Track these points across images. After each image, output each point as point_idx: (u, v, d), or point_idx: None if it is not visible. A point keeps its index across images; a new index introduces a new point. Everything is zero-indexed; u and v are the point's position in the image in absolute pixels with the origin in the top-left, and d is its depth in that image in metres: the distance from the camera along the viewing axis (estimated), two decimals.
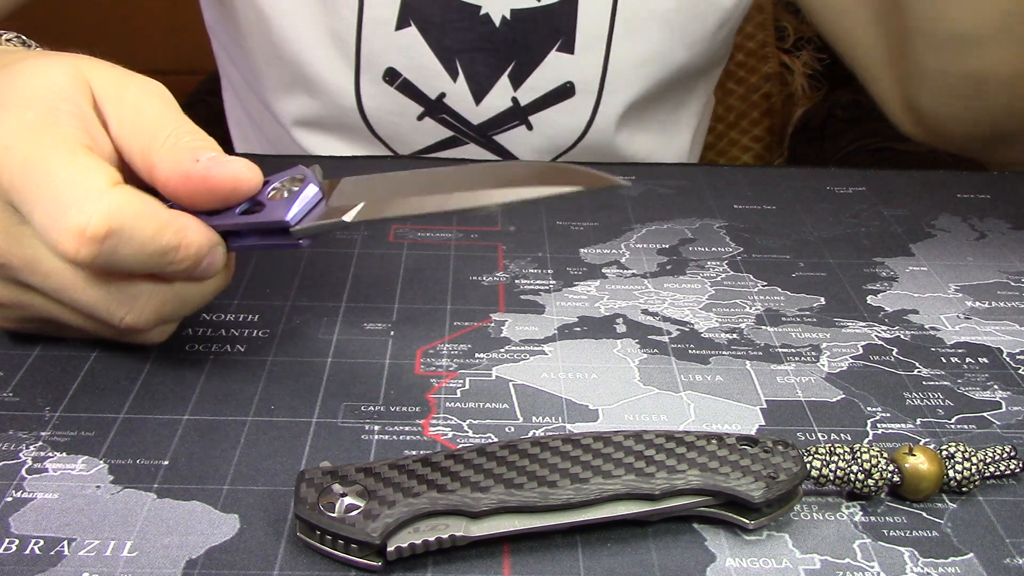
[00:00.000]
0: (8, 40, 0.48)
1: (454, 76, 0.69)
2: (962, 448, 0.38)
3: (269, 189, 0.40)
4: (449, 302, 0.49)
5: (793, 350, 0.46)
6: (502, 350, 0.46)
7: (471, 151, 0.72)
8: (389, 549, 0.33)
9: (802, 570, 0.34)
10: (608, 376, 0.44)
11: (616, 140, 0.72)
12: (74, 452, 0.38)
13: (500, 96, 0.70)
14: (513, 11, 0.67)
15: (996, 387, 0.44)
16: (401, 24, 0.67)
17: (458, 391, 0.43)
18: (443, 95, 0.69)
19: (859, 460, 0.37)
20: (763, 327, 0.48)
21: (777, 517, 0.36)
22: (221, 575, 0.33)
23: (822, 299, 0.51)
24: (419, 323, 0.47)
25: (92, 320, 0.40)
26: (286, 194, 0.39)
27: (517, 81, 0.69)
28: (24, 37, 0.49)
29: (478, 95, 0.69)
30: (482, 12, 0.67)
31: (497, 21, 0.67)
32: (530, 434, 0.40)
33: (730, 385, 0.44)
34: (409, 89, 0.69)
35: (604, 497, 0.34)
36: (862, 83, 0.72)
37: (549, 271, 0.52)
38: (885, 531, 0.36)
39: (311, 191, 0.39)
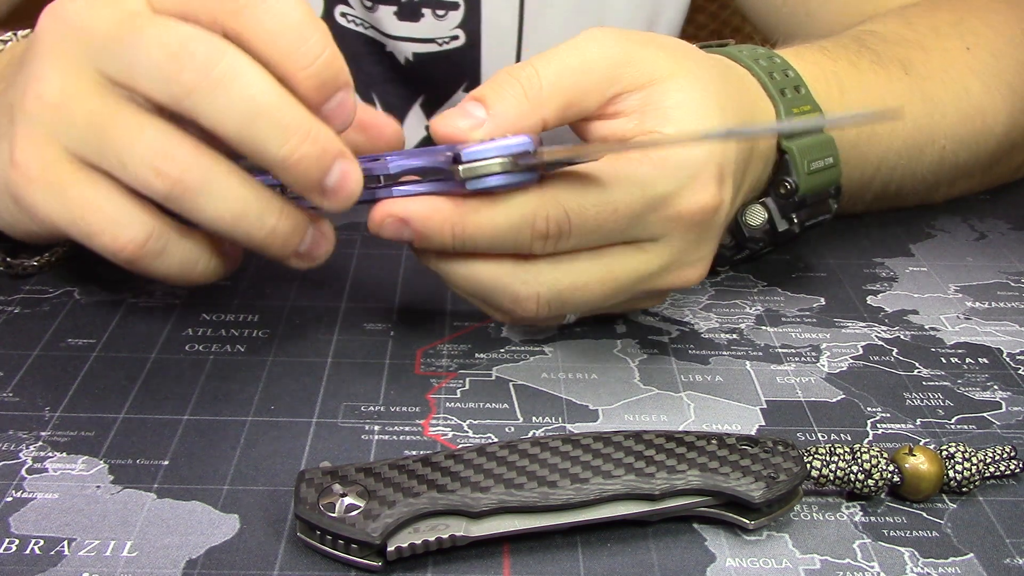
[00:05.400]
0: (24, 35, 0.48)
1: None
2: (962, 448, 0.38)
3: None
4: (449, 302, 0.49)
5: (793, 350, 0.46)
6: (502, 350, 0.46)
7: None
8: (389, 549, 0.33)
9: (802, 570, 0.34)
10: (608, 376, 0.44)
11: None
12: (74, 452, 0.38)
13: (414, 126, 0.71)
14: (416, 54, 0.68)
15: (996, 387, 0.44)
16: None
17: (458, 391, 0.43)
18: None
19: (859, 460, 0.37)
20: (763, 327, 0.48)
21: (777, 517, 0.36)
22: (221, 575, 0.33)
23: (822, 299, 0.51)
24: (419, 323, 0.47)
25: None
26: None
27: (429, 112, 0.71)
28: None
29: None
30: (387, 49, 0.69)
31: (402, 60, 0.69)
32: (530, 434, 0.40)
33: (730, 385, 0.44)
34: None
35: (604, 497, 0.34)
36: None
37: None
38: (885, 531, 0.36)
39: (516, 139, 0.38)
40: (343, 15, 0.68)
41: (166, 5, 0.37)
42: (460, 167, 0.38)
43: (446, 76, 0.70)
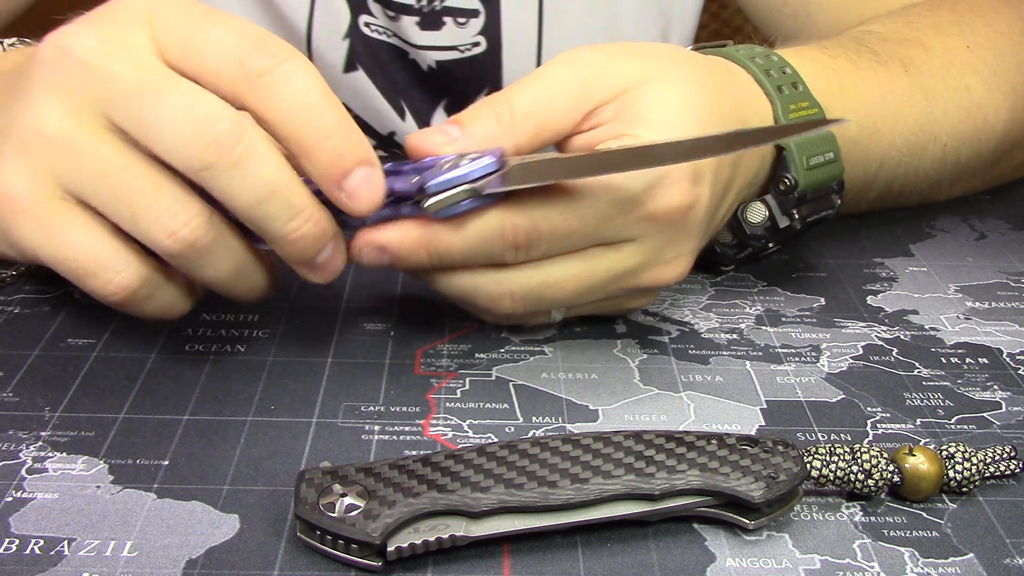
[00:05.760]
0: (11, 45, 0.48)
1: (402, 115, 0.72)
2: (962, 448, 0.38)
3: (443, 160, 0.40)
4: (449, 302, 0.49)
5: (793, 350, 0.46)
6: (502, 350, 0.46)
7: None
8: (389, 549, 0.33)
9: (802, 570, 0.34)
10: (608, 376, 0.44)
11: None
12: (74, 452, 0.38)
13: None
14: (438, 61, 0.69)
15: (996, 387, 0.44)
16: (348, 68, 0.70)
17: (458, 391, 0.43)
18: (393, 133, 0.72)
19: (859, 460, 0.37)
20: (763, 327, 0.48)
21: (777, 517, 0.36)
22: (221, 575, 0.33)
23: (822, 299, 0.51)
24: (419, 323, 0.47)
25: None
26: (446, 166, 0.39)
27: (452, 114, 0.72)
28: (29, 40, 0.49)
29: None
30: (409, 57, 0.70)
31: (425, 68, 0.70)
32: (530, 434, 0.40)
33: (730, 385, 0.44)
34: (361, 125, 0.71)
35: (604, 497, 0.34)
36: None
37: None
38: (885, 531, 0.36)
39: (480, 163, 0.39)
40: (367, 24, 0.69)
41: (182, 66, 0.38)
42: (426, 202, 0.39)
43: (469, 81, 0.71)
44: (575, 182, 0.40)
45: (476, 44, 0.69)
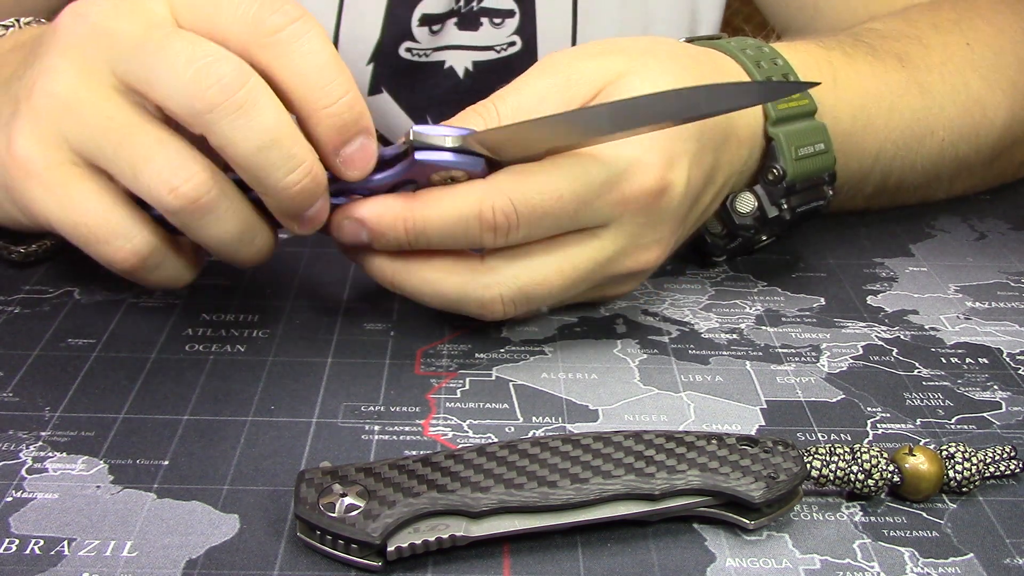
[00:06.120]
0: (27, 23, 0.49)
1: None
2: (962, 448, 0.38)
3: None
4: None
5: (793, 350, 0.46)
6: (502, 350, 0.46)
7: None
8: (389, 549, 0.33)
9: (802, 570, 0.34)
10: (608, 376, 0.44)
11: None
12: (74, 452, 0.38)
13: None
14: (475, 63, 0.70)
15: (996, 387, 0.44)
16: (373, 91, 0.70)
17: (458, 391, 0.43)
18: None
19: (859, 460, 0.37)
20: (763, 327, 0.48)
21: (777, 517, 0.36)
22: (221, 575, 0.33)
23: (822, 299, 0.51)
24: (419, 323, 0.47)
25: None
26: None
27: None
28: (43, 20, 0.49)
29: None
30: (446, 66, 0.70)
31: (461, 73, 0.70)
32: (530, 434, 0.40)
33: (730, 385, 0.44)
34: (385, 144, 0.72)
35: (604, 497, 0.34)
36: None
37: None
38: (885, 531, 0.36)
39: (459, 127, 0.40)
40: (408, 50, 0.69)
41: (195, 25, 0.38)
42: (411, 131, 0.40)
43: (502, 86, 0.71)
44: (552, 165, 0.41)
45: (512, 44, 0.70)
